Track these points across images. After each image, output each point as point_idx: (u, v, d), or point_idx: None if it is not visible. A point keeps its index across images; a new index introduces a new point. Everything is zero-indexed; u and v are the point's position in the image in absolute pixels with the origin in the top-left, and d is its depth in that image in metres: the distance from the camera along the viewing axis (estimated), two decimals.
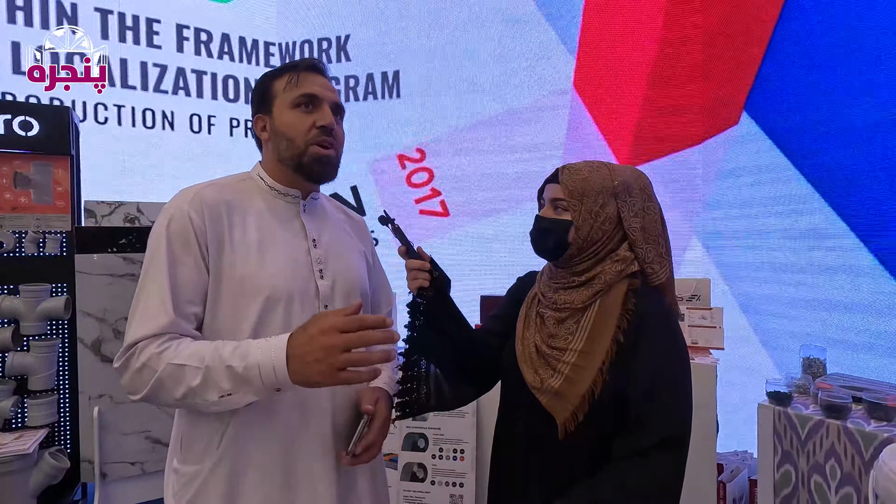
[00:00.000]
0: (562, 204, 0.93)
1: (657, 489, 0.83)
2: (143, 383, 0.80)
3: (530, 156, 3.12)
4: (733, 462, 2.02)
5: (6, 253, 2.13)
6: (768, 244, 2.51)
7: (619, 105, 2.92)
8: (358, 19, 3.43)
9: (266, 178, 0.97)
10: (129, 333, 0.82)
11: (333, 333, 0.75)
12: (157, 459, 2.16)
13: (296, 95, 0.93)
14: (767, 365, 2.50)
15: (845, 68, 2.19)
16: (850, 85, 2.17)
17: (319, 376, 0.75)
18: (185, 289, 0.84)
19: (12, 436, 1.98)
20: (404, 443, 2.05)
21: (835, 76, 2.22)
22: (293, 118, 0.93)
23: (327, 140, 0.93)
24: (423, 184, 3.31)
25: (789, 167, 2.39)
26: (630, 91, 2.89)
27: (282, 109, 0.94)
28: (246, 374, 0.76)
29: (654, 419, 0.84)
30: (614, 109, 2.93)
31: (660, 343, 0.88)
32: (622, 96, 2.91)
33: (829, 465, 1.50)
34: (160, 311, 0.81)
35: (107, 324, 2.12)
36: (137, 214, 2.35)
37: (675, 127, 2.81)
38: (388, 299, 1.18)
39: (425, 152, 3.30)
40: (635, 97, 2.88)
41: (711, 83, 2.72)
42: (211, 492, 0.85)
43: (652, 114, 2.85)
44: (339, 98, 0.99)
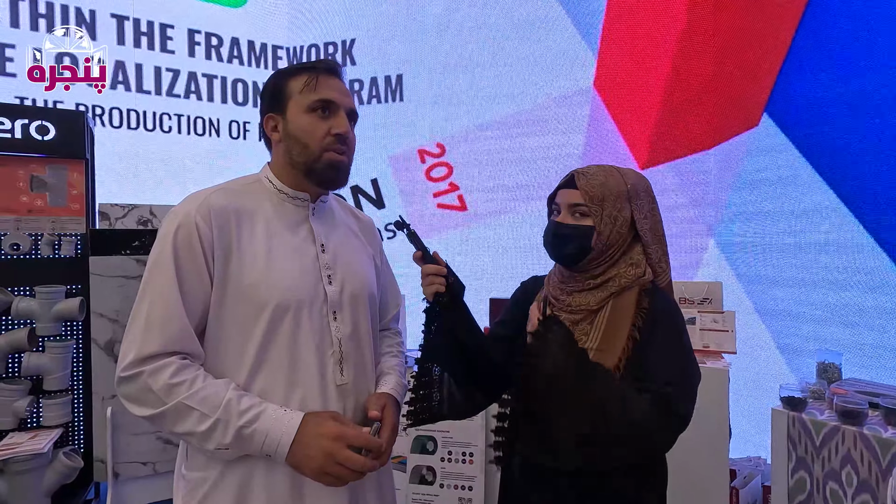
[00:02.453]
0: (581, 209, 0.94)
1: (645, 419, 0.84)
2: (147, 404, 0.80)
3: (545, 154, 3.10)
4: (746, 468, 1.99)
5: (22, 255, 2.16)
6: (783, 249, 2.47)
7: (639, 104, 2.89)
8: (364, 24, 3.45)
9: (275, 182, 0.95)
10: (138, 344, 0.80)
11: (341, 445, 0.81)
12: (169, 459, 2.18)
13: (312, 100, 0.90)
14: (782, 370, 2.46)
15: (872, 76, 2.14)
16: (878, 94, 2.13)
17: (308, 469, 0.81)
18: (191, 299, 0.84)
19: (28, 435, 2.01)
20: (413, 445, 2.05)
21: (860, 84, 2.18)
22: (308, 123, 0.90)
23: (341, 148, 0.92)
24: (441, 178, 3.31)
25: (813, 175, 2.35)
26: (650, 90, 2.86)
27: (296, 112, 0.91)
28: (250, 436, 0.80)
29: (665, 389, 0.86)
30: (633, 109, 2.90)
31: (673, 340, 0.90)
32: (642, 96, 2.88)
33: (844, 471, 1.47)
34: (169, 323, 0.81)
35: (120, 325, 2.14)
36: (150, 217, 2.38)
37: (693, 128, 2.77)
38: (395, 301, 1.17)
39: (445, 147, 3.31)
40: (655, 97, 2.85)
41: (729, 83, 2.68)
42: (218, 501, 0.85)
43: (670, 113, 2.82)
44: (354, 104, 0.97)
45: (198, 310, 0.85)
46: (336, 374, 0.91)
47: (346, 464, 0.81)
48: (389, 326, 1.15)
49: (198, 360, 0.85)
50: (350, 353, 0.93)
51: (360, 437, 0.84)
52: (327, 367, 0.90)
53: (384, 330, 1.14)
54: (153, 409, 0.80)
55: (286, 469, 0.84)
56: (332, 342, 0.91)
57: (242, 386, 0.85)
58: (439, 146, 3.32)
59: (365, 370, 0.97)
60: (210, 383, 0.81)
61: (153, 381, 0.79)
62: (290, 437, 0.80)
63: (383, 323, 1.14)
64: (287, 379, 0.86)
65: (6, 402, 2.01)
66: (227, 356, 0.86)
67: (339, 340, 0.92)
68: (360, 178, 3.42)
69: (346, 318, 0.94)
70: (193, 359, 0.85)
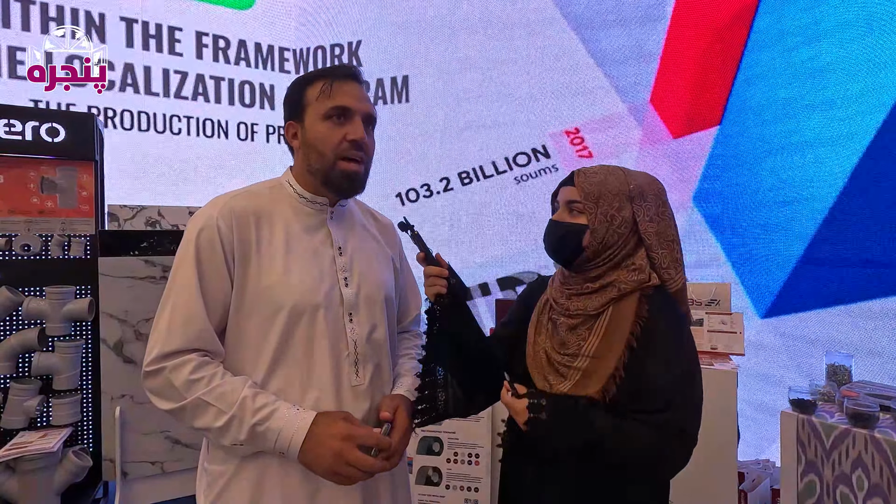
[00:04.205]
0: (577, 206, 0.92)
1: (645, 451, 0.82)
2: (169, 398, 0.84)
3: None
4: (755, 471, 1.97)
5: (33, 255, 2.19)
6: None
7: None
8: (369, 25, 3.46)
9: (295, 186, 0.97)
10: (161, 340, 0.84)
11: (351, 445, 0.82)
12: (177, 459, 2.19)
13: (328, 107, 0.91)
14: (791, 372, 2.44)
15: None
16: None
17: (318, 468, 0.83)
18: (212, 299, 0.87)
19: (38, 434, 2.03)
20: (419, 446, 2.05)
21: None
22: (324, 130, 0.91)
23: (357, 154, 0.93)
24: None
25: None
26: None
27: (313, 120, 0.93)
28: (263, 434, 0.81)
29: (664, 413, 0.84)
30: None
31: (672, 352, 0.87)
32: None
33: (855, 475, 1.46)
34: (190, 322, 0.84)
35: (129, 325, 2.16)
36: (158, 218, 2.40)
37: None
38: (416, 302, 1.17)
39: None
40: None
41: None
42: (235, 495, 0.87)
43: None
44: (371, 108, 0.97)
45: (218, 309, 0.88)
46: (351, 376, 0.92)
47: (356, 464, 0.82)
48: (409, 328, 1.16)
49: (218, 357, 0.88)
50: (366, 354, 0.94)
51: (370, 436, 0.85)
52: (342, 368, 0.91)
53: (404, 332, 1.15)
54: (174, 404, 0.83)
55: (300, 466, 0.85)
56: (348, 344, 0.92)
57: (260, 384, 0.87)
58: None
59: (381, 372, 0.98)
60: (228, 381, 0.84)
61: (174, 377, 0.82)
62: (301, 436, 0.82)
63: (403, 325, 1.14)
64: (302, 379, 0.88)
65: (17, 402, 2.03)
66: (245, 355, 0.88)
67: (354, 342, 0.93)
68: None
69: (362, 320, 0.95)
70: (214, 356, 0.87)
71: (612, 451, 0.82)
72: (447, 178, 3.34)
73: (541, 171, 3.16)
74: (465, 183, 3.31)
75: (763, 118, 2.58)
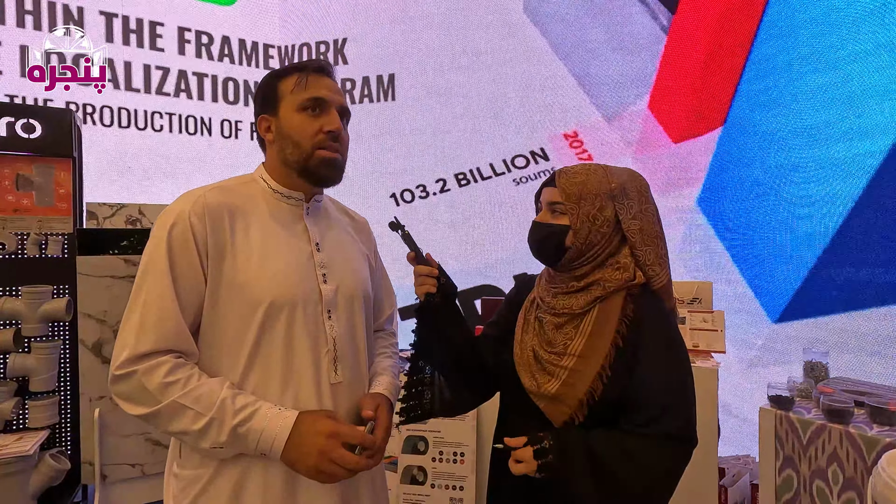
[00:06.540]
0: (559, 207, 0.93)
1: (651, 470, 0.82)
2: (142, 403, 0.80)
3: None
4: (735, 466, 2.01)
5: (8, 255, 2.13)
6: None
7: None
8: (355, 23, 3.44)
9: (269, 181, 0.95)
10: (132, 342, 0.80)
11: (336, 443, 0.81)
12: (157, 461, 2.16)
13: (303, 99, 0.91)
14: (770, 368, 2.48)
15: None
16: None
17: (302, 467, 0.81)
18: (186, 297, 0.84)
19: (13, 437, 1.98)
20: (404, 446, 2.05)
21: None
22: (300, 122, 0.91)
23: (334, 146, 0.92)
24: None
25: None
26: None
27: (288, 112, 0.92)
28: (245, 435, 0.80)
29: (662, 420, 0.84)
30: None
31: (662, 350, 0.87)
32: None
33: (831, 469, 1.49)
34: (163, 321, 0.81)
35: (107, 325, 2.12)
36: (139, 216, 2.36)
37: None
38: (390, 301, 1.17)
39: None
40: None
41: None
42: (212, 498, 0.85)
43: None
44: (345, 101, 0.97)
45: (192, 308, 0.85)
46: (330, 373, 0.91)
47: (340, 462, 0.81)
48: (384, 327, 1.15)
49: (192, 358, 0.85)
50: (345, 352, 0.93)
51: (356, 434, 0.84)
52: (321, 365, 0.90)
53: (379, 331, 1.14)
54: (148, 408, 0.79)
55: (281, 467, 0.84)
56: (327, 341, 0.91)
57: (237, 384, 0.85)
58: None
59: (359, 369, 0.97)
60: (204, 382, 0.81)
61: (147, 380, 0.79)
62: (284, 436, 0.80)
63: (378, 324, 1.13)
64: (281, 377, 0.87)
65: None
66: (221, 354, 0.86)
67: (333, 339, 0.92)
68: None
69: (340, 317, 0.94)
70: (188, 357, 0.85)
71: (628, 479, 0.82)
72: (443, 179, 3.34)
73: (539, 174, 3.16)
74: (462, 184, 3.31)
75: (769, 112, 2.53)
